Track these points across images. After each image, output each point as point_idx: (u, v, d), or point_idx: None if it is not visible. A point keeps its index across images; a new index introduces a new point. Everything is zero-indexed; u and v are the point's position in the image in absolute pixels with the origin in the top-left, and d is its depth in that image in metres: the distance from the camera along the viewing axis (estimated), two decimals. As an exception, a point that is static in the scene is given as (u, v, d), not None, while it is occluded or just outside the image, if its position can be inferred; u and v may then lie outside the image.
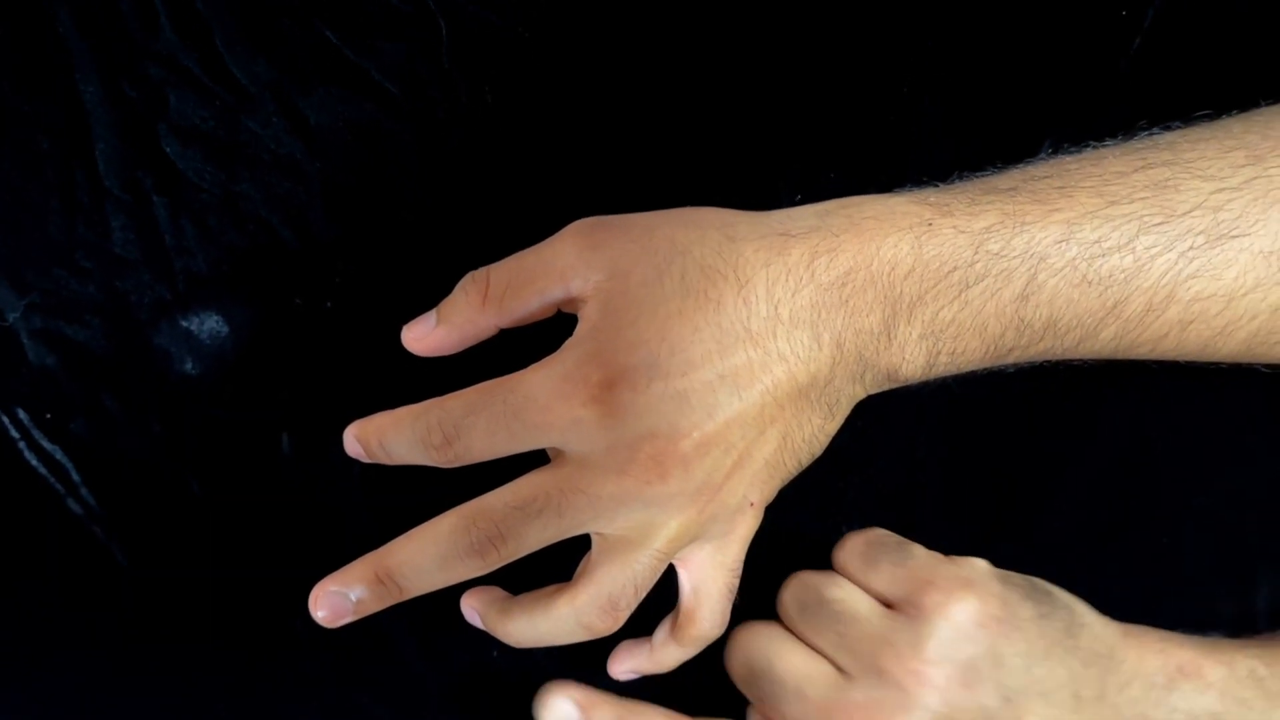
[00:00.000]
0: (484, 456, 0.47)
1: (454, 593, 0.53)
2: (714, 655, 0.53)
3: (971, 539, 0.54)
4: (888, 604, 0.50)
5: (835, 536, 0.55)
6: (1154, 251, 0.46)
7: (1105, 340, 0.48)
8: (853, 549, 0.52)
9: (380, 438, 0.48)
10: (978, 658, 0.47)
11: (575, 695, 0.51)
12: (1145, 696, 0.49)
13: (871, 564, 0.51)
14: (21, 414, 0.56)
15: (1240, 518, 0.56)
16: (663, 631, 0.52)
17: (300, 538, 0.56)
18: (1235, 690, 0.49)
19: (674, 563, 0.50)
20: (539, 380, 0.46)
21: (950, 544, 0.52)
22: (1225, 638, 0.52)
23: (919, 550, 0.51)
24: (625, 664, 0.54)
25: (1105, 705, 0.49)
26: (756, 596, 0.53)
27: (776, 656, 0.50)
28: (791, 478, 0.50)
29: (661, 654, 0.52)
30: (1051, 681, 0.48)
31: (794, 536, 0.55)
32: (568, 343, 0.46)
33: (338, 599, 0.48)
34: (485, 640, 0.53)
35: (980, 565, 0.50)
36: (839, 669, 0.49)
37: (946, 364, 0.48)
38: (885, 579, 0.50)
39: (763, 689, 0.49)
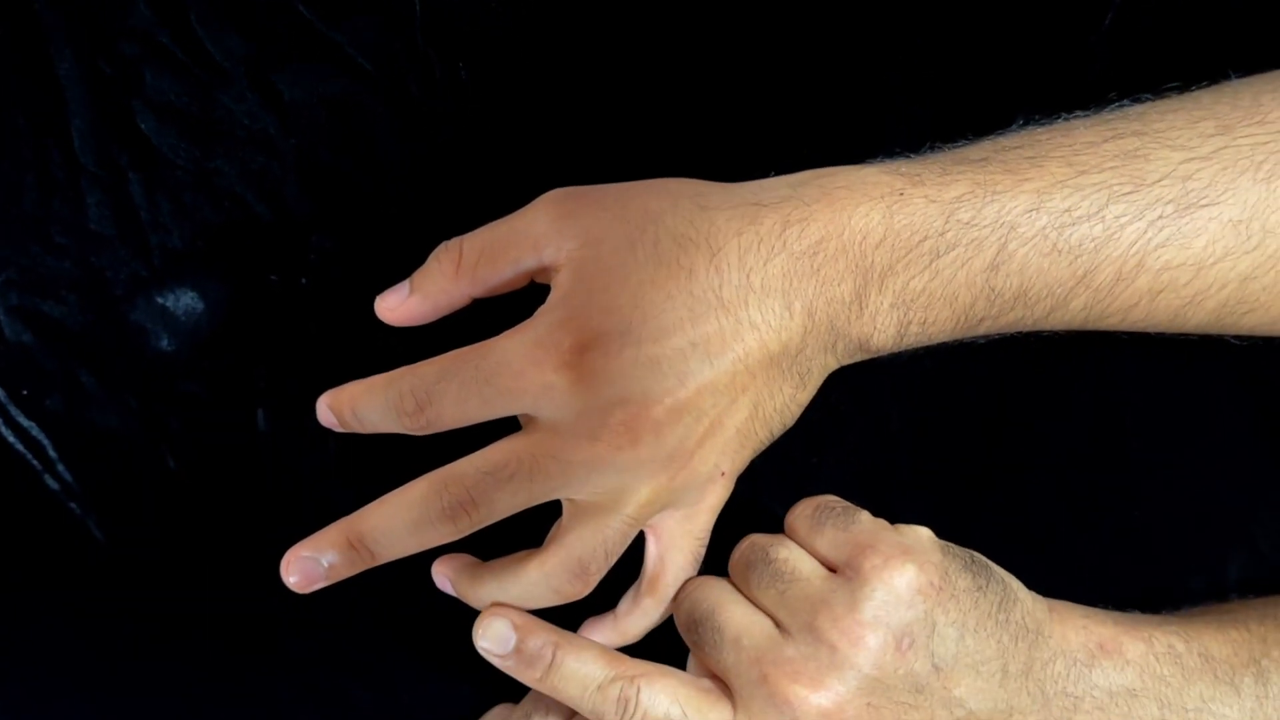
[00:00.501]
0: (456, 423, 0.47)
1: (428, 568, 0.53)
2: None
3: (943, 514, 0.54)
4: (831, 567, 0.50)
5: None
6: (1123, 220, 0.47)
7: (1076, 310, 0.48)
8: (801, 513, 0.52)
9: (353, 406, 0.48)
10: (912, 624, 0.48)
11: (513, 618, 0.50)
12: (1067, 673, 0.50)
13: (817, 527, 0.51)
14: (-3, 390, 0.56)
15: (1211, 491, 0.56)
16: (627, 600, 0.52)
17: (276, 512, 0.56)
18: (1153, 667, 0.50)
19: (644, 529, 0.50)
20: (511, 346, 0.46)
21: (921, 519, 0.52)
22: (1147, 614, 0.52)
23: (864, 516, 0.51)
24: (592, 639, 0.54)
25: (1030, 681, 0.49)
26: (723, 568, 0.53)
27: (719, 606, 0.50)
28: (763, 448, 0.50)
29: (626, 622, 0.52)
30: (981, 654, 0.49)
31: (765, 512, 0.55)
32: (540, 309, 0.47)
33: (310, 564, 0.48)
34: (460, 613, 0.53)
35: (923, 534, 0.50)
36: (778, 625, 0.49)
37: (918, 334, 0.48)
38: (828, 542, 0.50)
39: (703, 636, 0.50)
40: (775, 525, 0.55)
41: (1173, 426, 0.52)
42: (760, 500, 0.54)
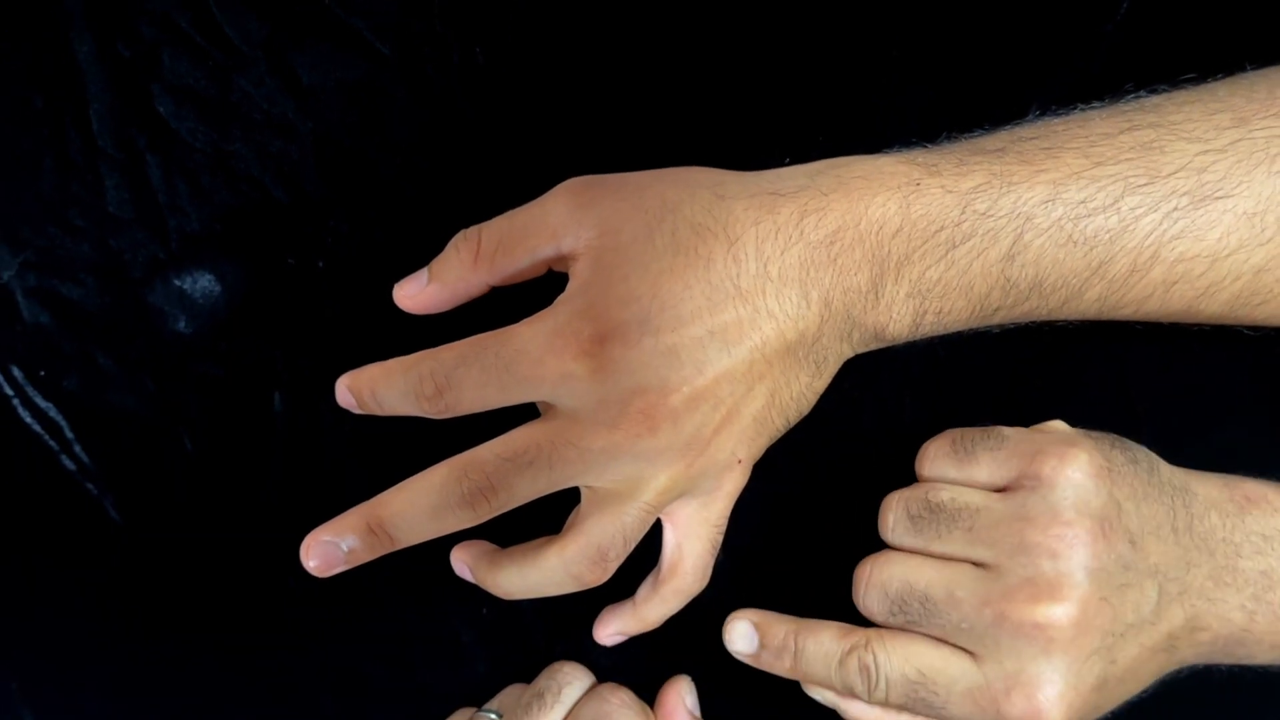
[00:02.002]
0: (474, 408, 0.47)
1: (444, 551, 0.54)
2: (697, 612, 0.54)
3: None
4: (997, 490, 0.49)
5: (821, 499, 0.56)
6: (1139, 212, 0.47)
7: (1090, 300, 0.49)
8: (939, 452, 0.51)
9: (372, 388, 0.49)
10: (1105, 508, 0.47)
11: (750, 617, 0.52)
12: (1223, 523, 0.50)
13: (967, 457, 0.50)
14: (16, 371, 0.56)
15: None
16: (646, 588, 0.53)
17: (292, 494, 0.56)
18: None
19: (661, 517, 0.51)
20: (531, 334, 0.46)
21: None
22: None
23: (1005, 430, 0.50)
24: (610, 627, 0.54)
25: (1194, 536, 0.49)
26: (740, 556, 0.54)
27: (910, 575, 0.49)
28: (779, 436, 0.50)
29: (645, 610, 0.53)
30: (1155, 519, 0.49)
31: (780, 498, 0.56)
32: (560, 298, 0.47)
33: (330, 549, 0.48)
34: (475, 596, 0.53)
35: (1062, 426, 0.51)
36: (978, 565, 0.48)
37: (933, 323, 0.49)
38: (987, 467, 0.50)
39: (913, 612, 0.48)
40: (790, 511, 0.55)
41: (1186, 417, 0.52)
42: (775, 487, 0.55)
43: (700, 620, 0.55)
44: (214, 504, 0.57)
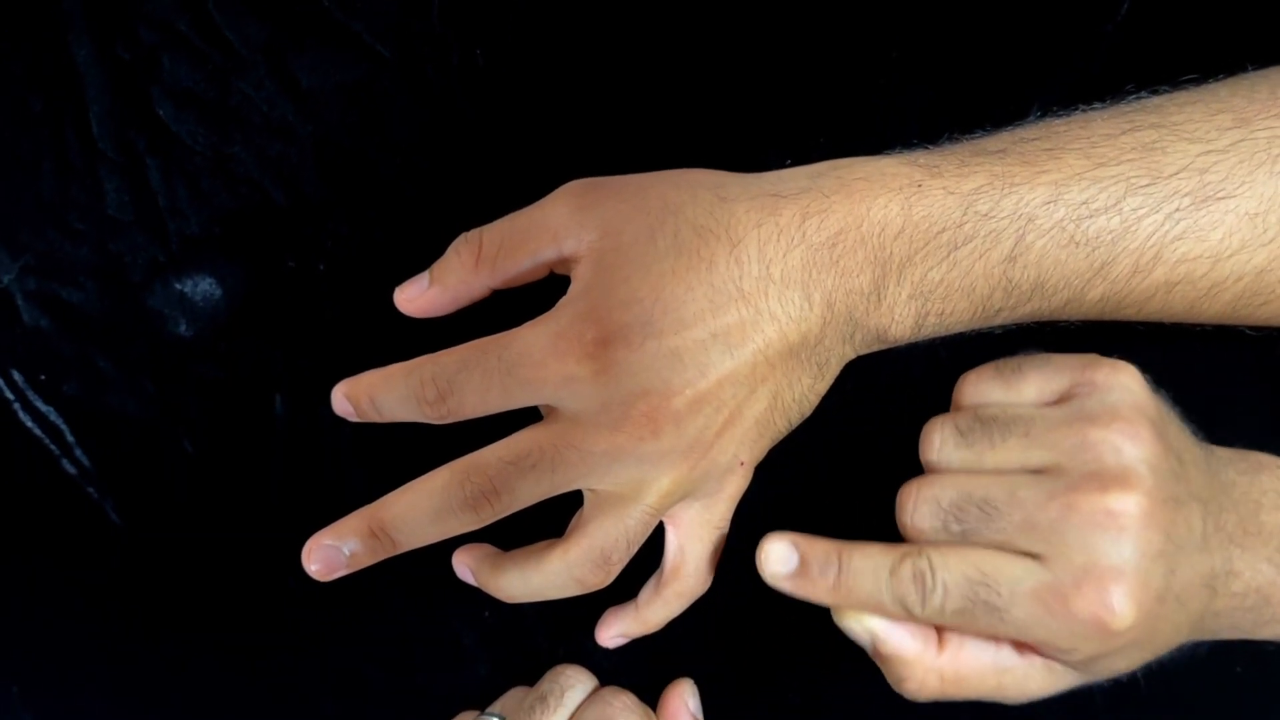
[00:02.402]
0: (477, 412, 0.47)
1: (446, 555, 0.54)
2: (699, 614, 0.54)
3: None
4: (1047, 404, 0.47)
5: (823, 501, 0.56)
6: (1141, 213, 0.47)
7: (1092, 301, 0.49)
8: (981, 377, 0.48)
9: (371, 394, 0.49)
10: (1157, 417, 0.46)
11: (790, 537, 0.48)
12: (1241, 479, 0.49)
13: (1014, 375, 0.48)
14: (16, 375, 0.56)
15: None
16: (648, 590, 0.53)
17: (293, 497, 0.56)
18: None
19: (663, 520, 0.51)
20: (533, 337, 0.46)
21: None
22: None
23: (1048, 354, 0.48)
24: (613, 629, 0.54)
25: (1220, 484, 0.48)
26: (742, 558, 0.53)
27: (967, 484, 0.46)
28: (781, 437, 0.50)
29: (647, 612, 0.53)
30: (1189, 451, 0.47)
31: (782, 500, 0.56)
32: (562, 301, 0.47)
33: (331, 552, 0.48)
34: (478, 599, 0.53)
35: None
36: (1034, 470, 0.46)
37: (935, 325, 0.49)
38: (1035, 383, 0.47)
39: (969, 519, 0.45)
40: (792, 512, 0.55)
41: (1188, 418, 0.52)
42: (776, 488, 0.55)
43: (702, 622, 0.54)
44: (215, 507, 0.57)
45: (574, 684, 0.54)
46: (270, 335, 0.56)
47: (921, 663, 0.47)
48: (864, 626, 0.47)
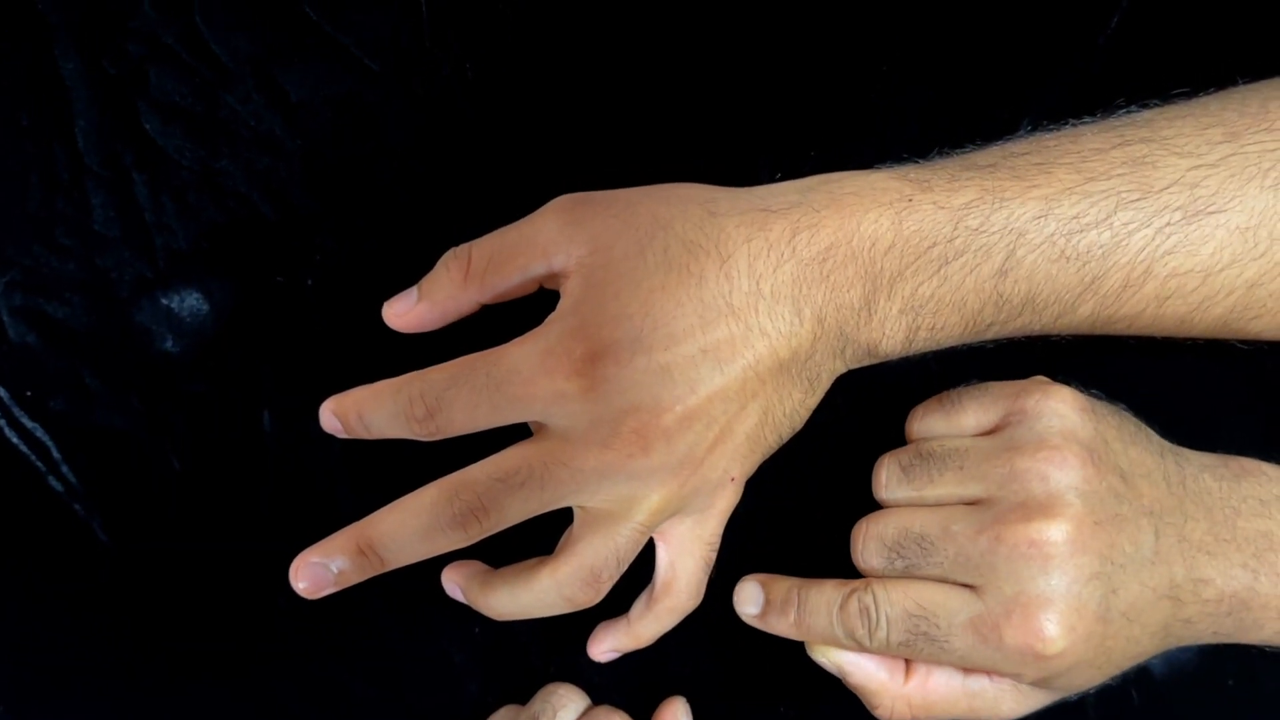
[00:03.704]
0: (465, 429, 0.47)
1: (436, 570, 0.53)
2: (690, 629, 0.53)
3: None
4: (985, 435, 0.50)
5: (813, 515, 0.56)
6: (1131, 227, 0.47)
7: (1083, 315, 0.49)
8: (927, 411, 0.52)
9: (359, 411, 0.48)
10: (1092, 438, 0.48)
11: (756, 578, 0.52)
12: (1219, 486, 0.50)
13: (955, 409, 0.51)
14: (2, 392, 0.56)
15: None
16: (639, 605, 0.53)
17: (281, 514, 0.56)
18: None
19: (653, 536, 0.51)
20: (522, 353, 0.46)
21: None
22: None
23: (989, 383, 0.51)
24: (604, 644, 0.54)
25: (1188, 491, 0.49)
26: (733, 572, 0.53)
27: (906, 521, 0.49)
28: (772, 452, 0.50)
29: (638, 627, 0.52)
30: (1144, 465, 0.49)
31: (773, 514, 0.56)
32: (551, 317, 0.47)
33: (319, 570, 0.48)
34: (467, 616, 0.53)
35: (1041, 378, 0.51)
36: (972, 503, 0.48)
37: (926, 339, 0.48)
38: (973, 413, 0.50)
39: (909, 554, 0.48)
40: (784, 529, 0.55)
41: (1178, 431, 0.52)
42: (767, 502, 0.55)
43: (694, 637, 0.54)
44: (203, 523, 0.56)
45: (566, 703, 0.54)
46: (258, 351, 0.56)
47: (889, 691, 0.50)
48: (830, 659, 0.51)
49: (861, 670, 0.50)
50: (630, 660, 0.55)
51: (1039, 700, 0.50)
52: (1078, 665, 0.47)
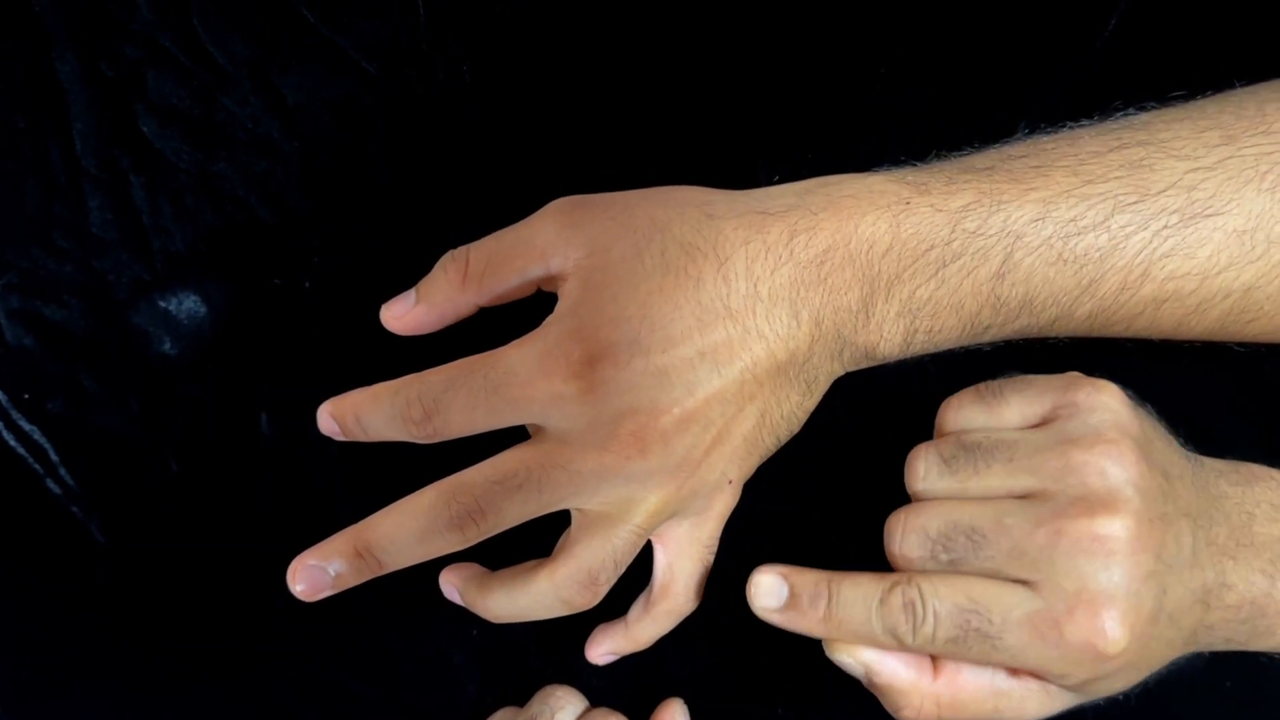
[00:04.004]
0: (463, 432, 0.47)
1: (434, 572, 0.53)
2: (688, 631, 0.53)
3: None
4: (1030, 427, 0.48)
5: (811, 517, 0.56)
6: (1129, 230, 0.47)
7: (1080, 318, 0.49)
8: (963, 402, 0.49)
9: (357, 413, 0.48)
10: (1140, 435, 0.46)
11: (778, 569, 0.48)
12: (1234, 490, 0.48)
13: (995, 400, 0.48)
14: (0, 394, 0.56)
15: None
16: (637, 608, 0.53)
17: (279, 516, 0.56)
18: None
19: (651, 538, 0.51)
20: (520, 356, 0.46)
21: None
22: None
23: (1028, 376, 0.49)
24: (602, 647, 0.54)
25: (1210, 496, 0.48)
26: (730, 575, 0.53)
27: (953, 513, 0.46)
28: (770, 455, 0.50)
29: (636, 629, 0.52)
30: (1178, 466, 0.47)
31: (770, 517, 0.56)
32: (549, 319, 0.47)
33: (316, 573, 0.48)
34: (465, 618, 0.53)
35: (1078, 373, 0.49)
36: (1020, 496, 0.46)
37: (924, 342, 0.48)
38: (1018, 405, 0.48)
39: (956, 548, 0.45)
40: (782, 531, 0.55)
41: (1176, 434, 0.52)
42: (764, 505, 0.54)
43: (692, 640, 0.54)
44: (200, 526, 0.56)
45: (564, 705, 0.54)
46: (256, 353, 0.56)
47: (917, 690, 0.47)
48: (856, 659, 0.47)
49: (889, 669, 0.47)
50: (628, 663, 0.55)
51: (1064, 703, 0.48)
52: (1127, 666, 0.46)
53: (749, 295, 0.46)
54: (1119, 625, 0.44)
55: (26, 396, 0.56)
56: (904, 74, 0.56)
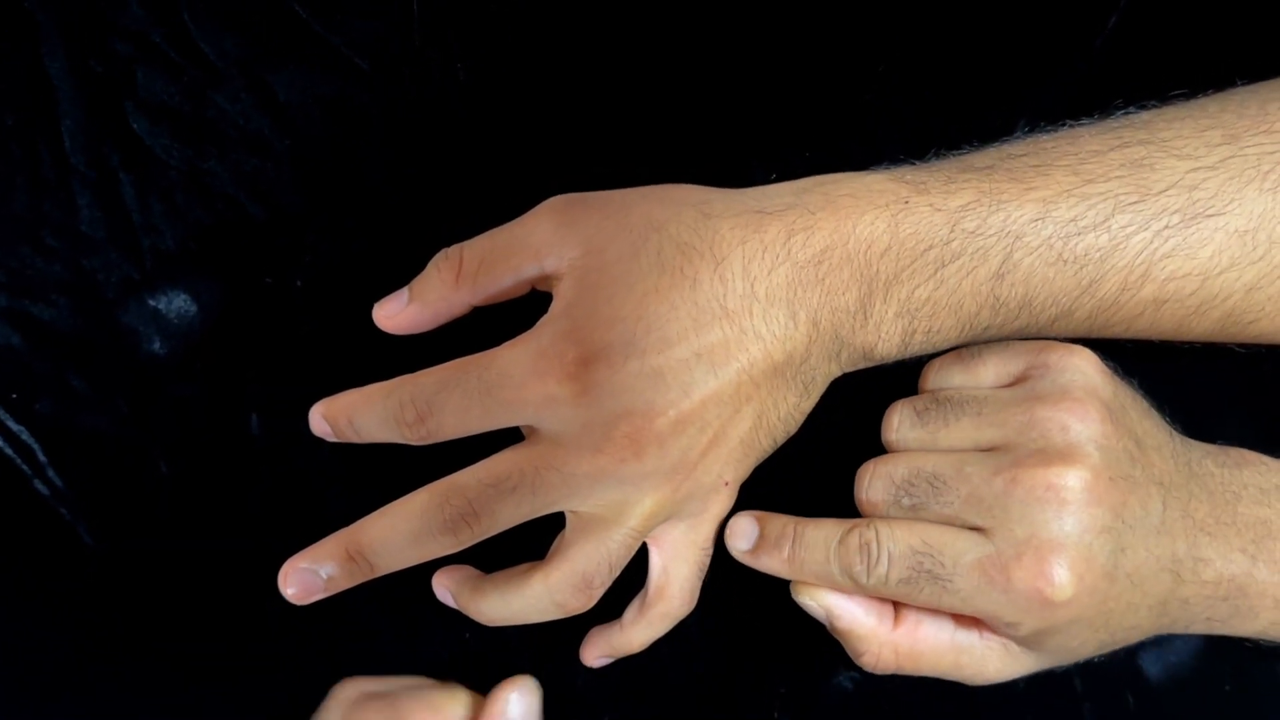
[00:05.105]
0: (456, 433, 0.47)
1: (427, 573, 0.53)
2: (683, 634, 0.53)
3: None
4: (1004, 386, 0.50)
5: (808, 517, 0.55)
6: (1129, 230, 0.46)
7: (1080, 319, 0.48)
8: (944, 362, 0.51)
9: (349, 415, 0.48)
10: (1111, 399, 0.48)
11: (753, 513, 0.50)
12: (1220, 472, 0.50)
13: (975, 362, 0.51)
14: (-14, 394, 0.55)
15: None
16: (632, 610, 0.52)
17: (270, 518, 0.56)
18: None
19: (646, 540, 0.50)
20: (514, 357, 0.45)
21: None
22: None
23: (1008, 340, 0.51)
24: (597, 649, 0.54)
25: (1193, 473, 0.49)
26: (726, 578, 0.53)
27: (918, 460, 0.48)
28: (766, 456, 0.50)
29: (631, 633, 0.52)
30: (1156, 437, 0.49)
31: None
32: (543, 319, 0.46)
33: (308, 576, 0.48)
34: (458, 621, 0.53)
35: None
36: (986, 449, 0.48)
37: (922, 342, 0.48)
38: (993, 366, 0.50)
39: (918, 493, 0.48)
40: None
41: (1176, 431, 0.51)
42: (761, 508, 0.54)
43: (687, 643, 0.54)
44: (190, 528, 0.56)
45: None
46: (247, 353, 0.56)
47: (876, 637, 0.49)
48: (819, 601, 0.49)
49: (849, 614, 0.49)
50: (623, 666, 0.54)
51: (1026, 665, 0.49)
52: (1077, 621, 0.47)
53: (746, 295, 0.45)
54: (1067, 572, 0.45)
55: (14, 396, 0.55)
56: (902, 73, 0.56)
